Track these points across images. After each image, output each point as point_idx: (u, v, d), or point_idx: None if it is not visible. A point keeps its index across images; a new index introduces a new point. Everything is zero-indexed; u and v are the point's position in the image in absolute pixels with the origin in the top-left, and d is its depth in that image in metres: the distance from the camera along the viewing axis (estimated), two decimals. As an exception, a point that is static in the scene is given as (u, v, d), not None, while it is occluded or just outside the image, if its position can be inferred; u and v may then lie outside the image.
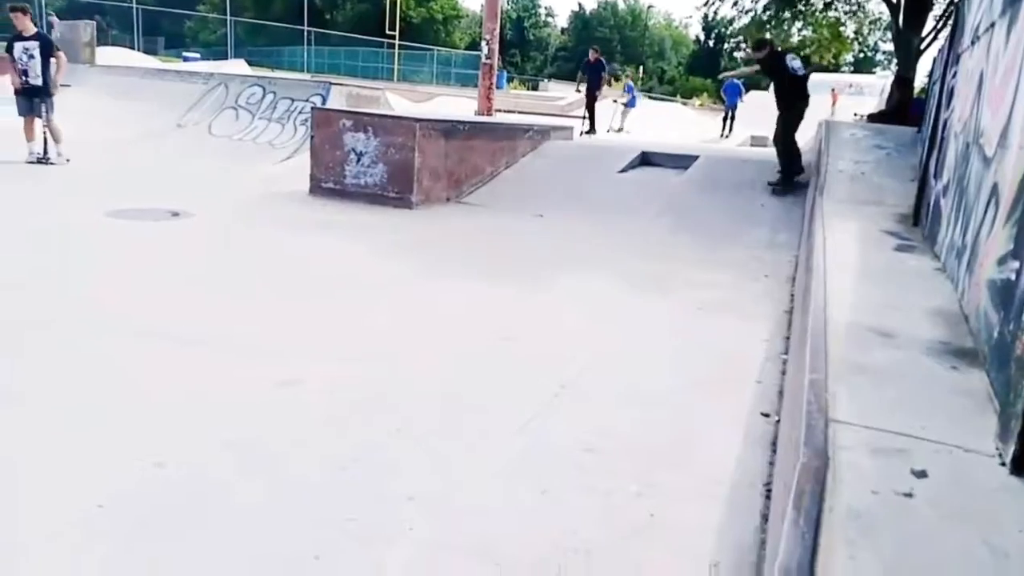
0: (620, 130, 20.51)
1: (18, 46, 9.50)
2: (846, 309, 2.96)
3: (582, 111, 16.37)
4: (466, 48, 52.15)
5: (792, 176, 9.01)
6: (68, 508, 2.32)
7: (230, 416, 3.05)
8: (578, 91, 17.75)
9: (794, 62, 8.78)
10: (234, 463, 2.67)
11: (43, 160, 9.62)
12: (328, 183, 8.76)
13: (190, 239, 6.26)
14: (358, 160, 8.58)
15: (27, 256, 5.29)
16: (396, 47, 38.39)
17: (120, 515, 2.31)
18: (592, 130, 15.94)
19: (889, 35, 15.62)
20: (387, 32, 36.73)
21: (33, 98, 9.57)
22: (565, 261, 6.38)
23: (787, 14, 15.35)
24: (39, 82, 9.57)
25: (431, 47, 44.91)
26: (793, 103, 8.76)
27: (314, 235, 6.72)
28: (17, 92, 9.55)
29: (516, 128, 11.16)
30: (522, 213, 8.32)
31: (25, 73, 9.47)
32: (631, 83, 22.63)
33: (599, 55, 16.39)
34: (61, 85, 10.02)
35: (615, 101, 21.46)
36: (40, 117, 9.60)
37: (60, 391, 3.18)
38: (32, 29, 9.70)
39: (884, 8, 14.12)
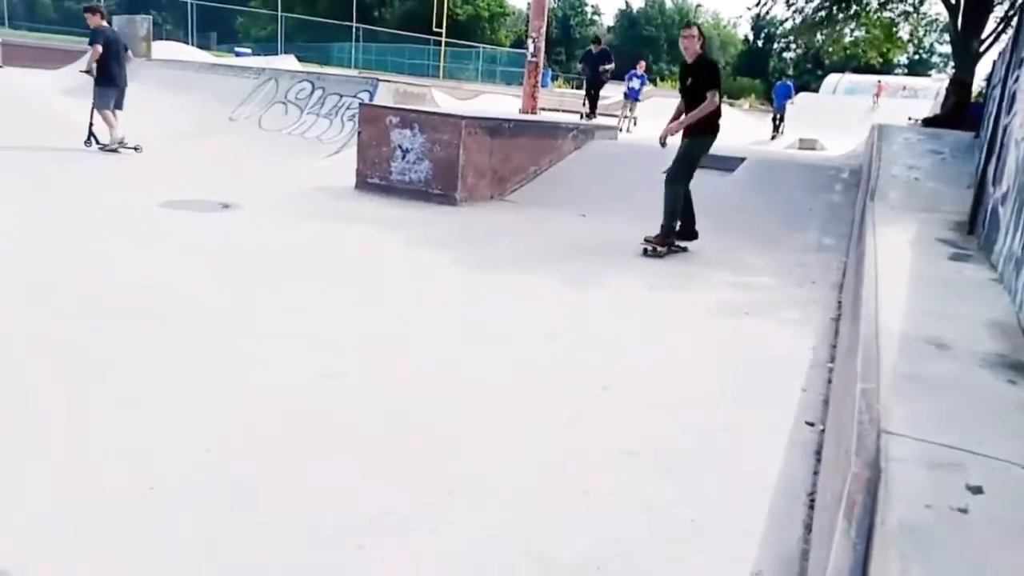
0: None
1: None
2: (899, 318, 2.89)
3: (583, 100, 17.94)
4: (511, 46, 52.22)
5: (672, 231, 6.64)
6: (124, 488, 2.40)
7: (277, 405, 3.11)
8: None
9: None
10: (278, 450, 2.73)
11: (105, 148, 10.00)
12: (374, 179, 8.86)
13: (236, 230, 6.40)
14: (403, 156, 8.66)
15: (82, 244, 5.46)
16: (442, 44, 38.60)
17: (171, 496, 2.38)
18: (592, 114, 16.72)
19: (946, 37, 15.18)
20: (434, 29, 36.95)
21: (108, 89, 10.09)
22: (608, 261, 6.35)
23: (840, 15, 15.03)
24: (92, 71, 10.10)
25: (477, 44, 45.06)
26: (708, 129, 6.64)
27: (358, 229, 6.80)
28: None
29: (560, 127, 11.14)
30: (565, 212, 8.30)
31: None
32: (638, 71, 18.86)
33: (601, 46, 17.29)
34: (81, 71, 10.52)
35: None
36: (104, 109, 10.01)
37: (102, 373, 3.28)
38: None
39: (942, 9, 13.73)
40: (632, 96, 19.03)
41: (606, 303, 5.13)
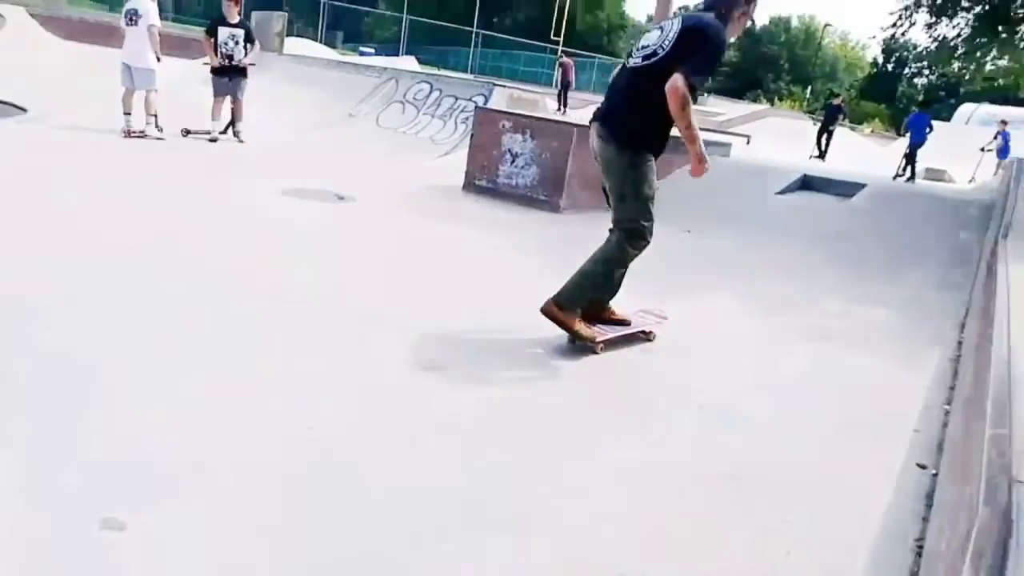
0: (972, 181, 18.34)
1: (223, 31, 10.35)
2: (1033, 364, 2.67)
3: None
4: (627, 58, 51.79)
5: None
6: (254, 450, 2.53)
7: (380, 393, 3.20)
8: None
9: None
10: (382, 436, 2.81)
11: (223, 136, 10.46)
12: (481, 181, 9.00)
13: (351, 221, 6.67)
14: (512, 161, 8.76)
15: (210, 224, 5.82)
16: (559, 53, 38.83)
17: (275, 472, 2.48)
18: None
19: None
20: (552, 38, 37.21)
21: (234, 78, 10.44)
22: (710, 278, 6.21)
23: (984, 38, 14.13)
24: (243, 64, 10.46)
25: (594, 55, 45.04)
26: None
27: (460, 228, 6.93)
28: (216, 72, 10.45)
29: (672, 141, 10.96)
30: (670, 227, 8.11)
31: (230, 57, 10.37)
32: (1007, 130, 18.14)
33: (842, 101, 18.84)
34: (249, 64, 10.86)
35: (981, 150, 18.83)
36: (234, 98, 10.49)
37: (237, 346, 3.47)
38: (237, 17, 10.55)
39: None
40: (1003, 156, 17.86)
41: (704, 322, 5.01)
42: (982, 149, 18.57)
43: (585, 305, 3.94)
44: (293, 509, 2.26)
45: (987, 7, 13.32)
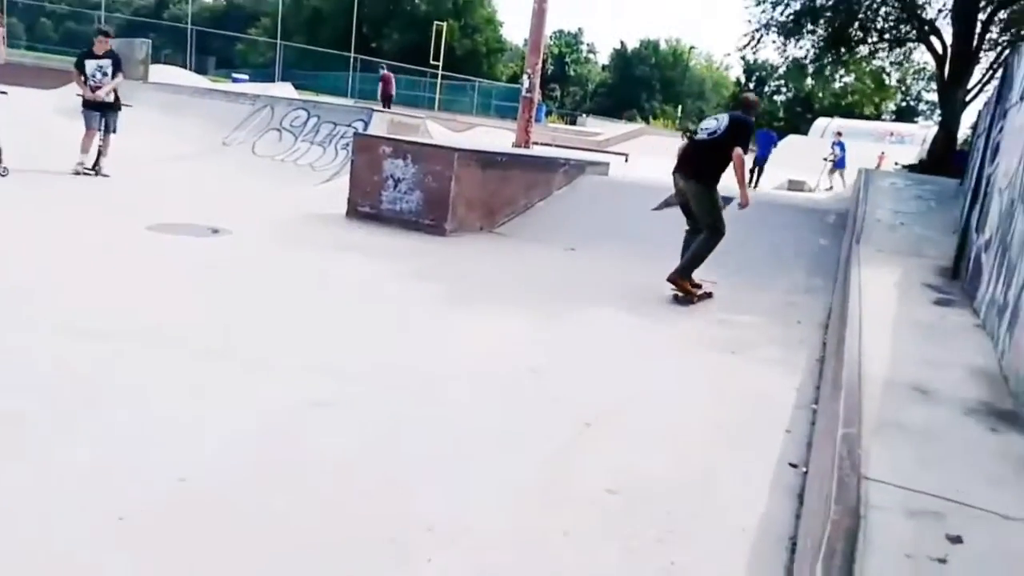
0: (829, 189, 19.53)
1: (91, 63, 9.87)
2: (882, 363, 2.90)
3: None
4: (507, 80, 52.83)
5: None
6: (91, 520, 2.35)
7: (257, 433, 3.07)
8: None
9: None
10: (261, 479, 2.68)
11: (92, 172, 9.86)
12: (364, 207, 8.87)
13: (226, 255, 6.38)
14: (395, 186, 8.69)
15: (69, 263, 5.42)
16: (439, 77, 39.03)
17: (138, 529, 2.32)
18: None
19: (933, 86, 15.50)
20: (431, 62, 37.40)
21: (107, 112, 9.91)
22: (594, 295, 6.36)
23: (829, 58, 15.32)
24: (110, 98, 9.94)
25: (473, 78, 45.58)
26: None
27: (346, 257, 6.80)
28: (87, 105, 9.88)
29: (552, 161, 11.23)
30: (554, 245, 8.33)
31: (99, 89, 9.84)
32: (841, 140, 20.26)
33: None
34: (124, 105, 10.37)
35: (824, 159, 20.09)
36: (102, 131, 9.91)
37: (89, 400, 3.23)
38: (105, 48, 10.07)
39: (930, 58, 14.04)
40: (840, 165, 19.76)
41: (591, 338, 5.12)
42: (824, 159, 20.27)
43: (689, 275, 6.30)
44: (171, 561, 2.12)
45: (830, 29, 14.45)
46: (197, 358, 3.86)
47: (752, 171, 19.01)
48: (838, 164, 19.65)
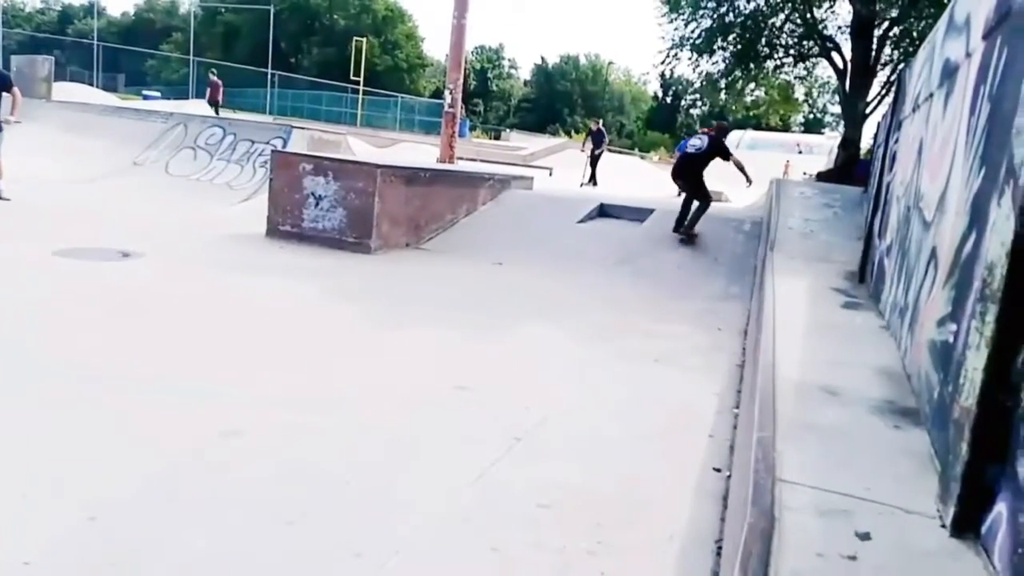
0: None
1: None
2: (795, 366, 3.01)
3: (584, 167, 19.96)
4: (430, 96, 52.82)
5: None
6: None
7: (171, 466, 2.95)
8: (582, 151, 21.36)
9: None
10: (175, 516, 2.58)
11: None
12: (285, 226, 8.69)
13: (137, 280, 6.12)
14: (317, 204, 8.55)
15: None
16: (360, 93, 38.67)
17: (51, 569, 2.20)
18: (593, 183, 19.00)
19: (837, 98, 16.32)
20: (352, 78, 37.03)
21: None
22: (522, 310, 6.40)
23: (739, 73, 15.92)
24: None
25: (395, 94, 45.36)
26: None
27: (267, 278, 6.63)
28: None
29: (477, 176, 11.28)
30: (481, 260, 8.35)
31: None
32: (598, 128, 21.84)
33: (600, 125, 20.50)
34: (15, 122, 9.81)
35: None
36: None
37: (-8, 438, 3.04)
38: None
39: (832, 73, 14.76)
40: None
41: (519, 353, 5.15)
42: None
43: (692, 228, 9.43)
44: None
45: (739, 45, 15.02)
46: (97, 387, 3.68)
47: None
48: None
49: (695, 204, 9.44)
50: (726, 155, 9.53)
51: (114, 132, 13.66)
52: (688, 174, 9.59)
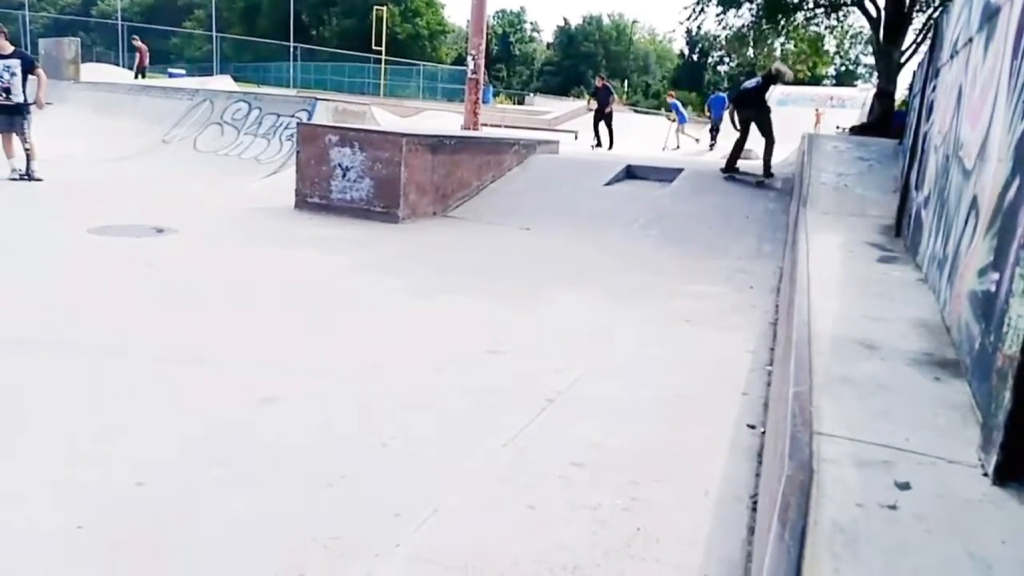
0: (677, 148, 21.12)
1: None
2: (830, 321, 2.97)
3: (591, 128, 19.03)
4: (452, 63, 52.41)
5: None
6: (48, 530, 2.29)
7: (213, 433, 3.02)
8: (589, 109, 20.89)
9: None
10: (219, 480, 2.64)
11: (26, 176, 9.56)
12: (314, 198, 8.75)
13: (172, 255, 6.23)
14: (344, 175, 8.58)
15: (6, 269, 5.23)
16: (382, 62, 38.50)
17: (97, 537, 2.27)
18: (599, 144, 18.04)
19: (870, 49, 15.82)
20: (373, 48, 36.85)
21: (13, 115, 9.54)
22: (552, 274, 6.39)
23: (768, 28, 15.52)
24: (20, 99, 9.55)
25: (417, 62, 45.11)
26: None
27: (299, 250, 6.70)
28: None
29: (502, 142, 11.20)
30: (509, 226, 8.33)
31: (7, 91, 9.42)
32: (676, 101, 22.99)
33: (605, 81, 19.02)
34: (46, 103, 9.98)
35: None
36: (19, 135, 9.56)
37: (32, 410, 3.14)
38: (10, 48, 9.64)
39: (865, 23, 14.31)
40: (682, 121, 22.35)
41: (549, 317, 5.15)
42: (671, 121, 23.22)
43: (767, 169, 10.33)
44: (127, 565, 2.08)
45: (767, -3, 14.64)
46: (150, 362, 3.76)
47: (710, 133, 21.83)
48: (681, 121, 22.37)
49: (747, 147, 10.44)
50: (767, 86, 10.34)
51: (142, 111, 13.81)
52: (752, 104, 10.27)
